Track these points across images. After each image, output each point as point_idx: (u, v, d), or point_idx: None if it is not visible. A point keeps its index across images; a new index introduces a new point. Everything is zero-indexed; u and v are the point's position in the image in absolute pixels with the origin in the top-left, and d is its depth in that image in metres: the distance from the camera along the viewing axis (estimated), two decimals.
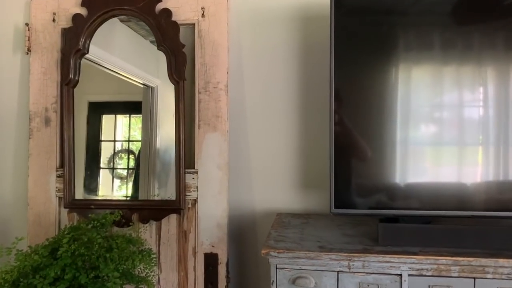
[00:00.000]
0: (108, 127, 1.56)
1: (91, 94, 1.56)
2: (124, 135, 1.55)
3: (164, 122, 1.50)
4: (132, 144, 1.54)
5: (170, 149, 1.49)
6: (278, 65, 1.59)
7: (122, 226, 1.54)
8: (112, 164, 1.54)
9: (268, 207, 1.60)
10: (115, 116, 1.56)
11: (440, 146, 1.24)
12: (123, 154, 1.55)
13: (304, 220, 1.40)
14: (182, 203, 1.52)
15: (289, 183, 1.58)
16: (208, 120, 1.53)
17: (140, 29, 1.57)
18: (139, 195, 1.55)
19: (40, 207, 1.60)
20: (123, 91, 1.56)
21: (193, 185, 1.53)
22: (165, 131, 1.50)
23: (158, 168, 1.54)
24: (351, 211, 1.24)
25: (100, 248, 1.23)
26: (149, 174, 1.56)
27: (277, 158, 1.59)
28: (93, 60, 1.57)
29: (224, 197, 1.51)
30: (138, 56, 1.58)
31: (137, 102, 1.53)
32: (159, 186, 1.54)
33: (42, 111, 1.61)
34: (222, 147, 1.52)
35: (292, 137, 1.58)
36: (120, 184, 1.55)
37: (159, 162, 1.52)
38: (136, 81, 1.55)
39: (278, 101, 1.59)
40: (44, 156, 1.61)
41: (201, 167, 1.53)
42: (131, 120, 1.55)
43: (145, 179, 1.56)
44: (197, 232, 1.52)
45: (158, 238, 1.56)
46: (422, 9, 1.25)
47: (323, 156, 1.55)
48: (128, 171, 1.54)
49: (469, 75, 1.22)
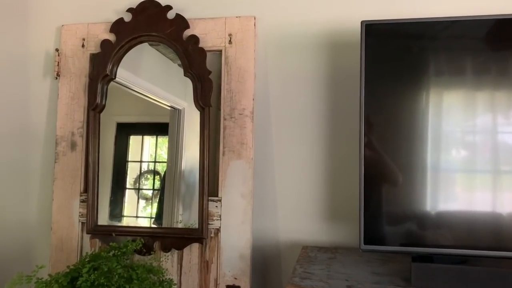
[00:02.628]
0: (135, 148, 1.55)
1: (119, 116, 1.57)
2: (151, 155, 1.54)
3: (189, 144, 1.50)
4: (158, 165, 1.53)
5: (195, 171, 1.48)
6: (305, 92, 1.55)
7: (144, 254, 1.51)
8: (138, 185, 1.53)
9: (293, 238, 1.54)
10: (142, 137, 1.56)
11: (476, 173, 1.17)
12: (149, 175, 1.55)
13: (331, 255, 1.34)
14: (205, 232, 1.48)
15: (316, 213, 1.52)
16: (233, 147, 1.50)
17: (169, 53, 1.56)
18: (163, 216, 1.54)
19: (63, 232, 1.59)
20: (150, 112, 1.57)
21: (216, 214, 1.49)
22: (190, 153, 1.49)
23: (182, 190, 1.52)
24: (382, 248, 1.17)
25: (120, 279, 1.19)
26: (174, 195, 1.53)
27: (303, 188, 1.54)
28: (121, 82, 1.57)
29: (248, 227, 1.47)
30: (166, 79, 1.58)
31: (164, 124, 1.54)
32: (183, 208, 1.52)
33: (69, 135, 1.62)
34: (246, 174, 1.48)
35: (319, 165, 1.53)
36: (145, 205, 1.54)
37: (184, 184, 1.51)
38: (163, 103, 1.55)
39: (304, 129, 1.54)
40: (69, 180, 1.60)
41: (224, 195, 1.49)
42: (158, 140, 1.55)
43: (169, 201, 1.54)
44: (220, 263, 1.48)
45: (179, 268, 1.52)
46: (454, 34, 1.20)
47: (351, 186, 1.49)
48: (153, 192, 1.53)
49: (503, 100, 1.16)
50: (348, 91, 1.50)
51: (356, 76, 1.49)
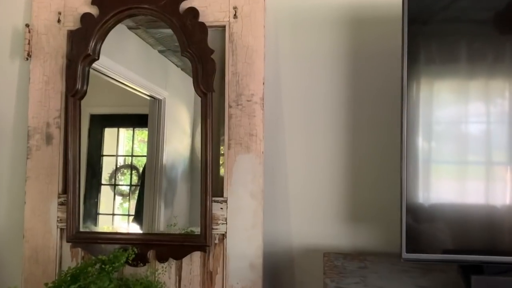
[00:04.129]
0: (110, 141, 1.42)
1: (93, 106, 1.39)
2: (127, 149, 1.40)
3: (171, 137, 1.35)
4: (135, 159, 1.39)
5: (177, 166, 1.36)
6: (323, 75, 1.35)
7: (136, 265, 1.29)
8: (114, 180, 1.39)
9: (309, 242, 1.34)
10: (118, 129, 1.43)
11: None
12: (125, 170, 1.40)
13: (361, 263, 1.15)
14: (208, 238, 1.27)
15: (335, 214, 1.33)
16: (240, 139, 1.29)
17: (149, 37, 1.37)
18: (143, 214, 1.36)
19: (38, 241, 1.35)
20: (127, 102, 1.43)
21: (221, 217, 1.28)
22: (172, 147, 1.35)
23: (164, 186, 1.35)
24: (429, 257, 0.99)
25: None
26: (155, 192, 1.35)
27: (320, 186, 1.34)
28: (95, 68, 1.37)
29: (259, 232, 1.27)
30: (145, 66, 1.42)
31: (142, 115, 1.39)
32: (165, 205, 1.35)
33: (43, 126, 1.37)
34: (256, 171, 1.27)
35: (338, 160, 1.33)
36: (122, 201, 1.39)
37: (166, 180, 1.35)
38: (142, 93, 1.40)
39: (322, 117, 1.35)
40: (44, 179, 1.36)
41: (231, 194, 1.28)
42: (135, 133, 1.41)
43: (150, 198, 1.36)
44: (226, 274, 1.27)
45: (178, 280, 1.30)
46: None
47: (375, 183, 1.31)
48: (130, 188, 1.39)
49: None
50: (373, 74, 1.31)
51: (382, 57, 1.30)
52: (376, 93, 1.31)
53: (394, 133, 1.29)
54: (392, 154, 1.28)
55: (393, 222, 1.28)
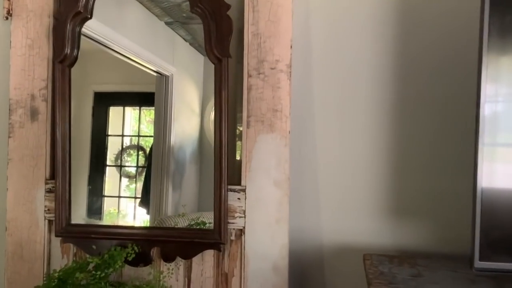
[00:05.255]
0: (116, 120, 1.33)
1: (97, 84, 1.33)
2: (134, 128, 1.31)
3: (179, 116, 1.25)
4: (142, 139, 1.32)
5: (186, 147, 1.27)
6: (363, 38, 1.11)
7: (137, 264, 1.08)
8: (119, 161, 1.30)
9: (343, 240, 1.13)
10: (124, 108, 1.34)
11: None
12: (132, 150, 1.31)
13: (412, 269, 0.94)
14: (223, 234, 1.06)
15: (374, 207, 1.11)
16: (261, 116, 1.06)
17: (154, 7, 1.23)
18: (150, 197, 1.25)
19: (23, 234, 1.15)
20: (133, 80, 1.34)
21: (238, 209, 1.07)
22: (180, 127, 1.26)
23: (172, 167, 1.25)
24: (507, 266, 0.77)
25: None
26: (162, 174, 1.24)
27: (357, 172, 1.12)
28: (99, 40, 1.22)
29: (284, 227, 1.05)
30: (151, 39, 1.32)
31: (149, 93, 1.30)
32: (173, 188, 1.25)
33: (27, 99, 1.16)
34: (281, 154, 1.05)
35: (380, 143, 1.11)
36: (128, 183, 1.30)
37: (173, 161, 1.26)
38: (148, 68, 1.29)
39: (360, 91, 1.12)
40: (29, 162, 1.15)
41: (250, 182, 1.07)
42: (141, 112, 1.32)
43: (157, 179, 1.25)
44: (244, 277, 1.06)
45: (187, 283, 1.10)
46: None
47: (425, 171, 1.08)
48: (137, 169, 1.31)
49: None
50: (426, 39, 1.07)
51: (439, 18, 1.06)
52: (429, 62, 1.07)
53: (451, 111, 1.06)
54: (447, 136, 1.05)
55: (447, 217, 1.06)
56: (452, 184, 1.06)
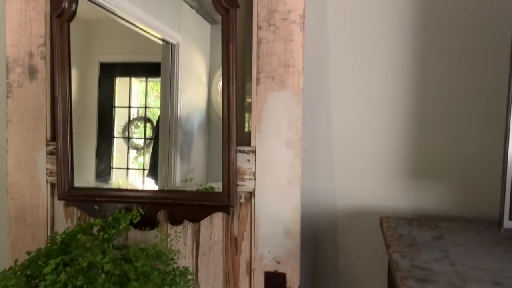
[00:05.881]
0: (123, 91, 1.30)
1: (102, 54, 1.28)
2: (141, 100, 1.28)
3: (186, 86, 1.22)
4: (149, 111, 1.29)
5: (193, 118, 1.23)
6: None
7: (143, 228, 1.04)
8: (127, 133, 1.28)
9: (358, 204, 1.08)
10: (130, 79, 1.30)
11: None
12: (139, 122, 1.28)
13: (433, 231, 0.88)
14: (232, 197, 1.01)
15: (392, 169, 1.05)
16: (272, 72, 0.99)
17: None
18: (158, 169, 1.21)
19: (25, 198, 1.11)
20: (139, 50, 1.29)
21: (248, 171, 1.02)
22: (187, 97, 1.23)
23: (180, 139, 1.22)
24: None
25: (109, 281, 0.73)
26: (170, 145, 1.21)
27: (374, 132, 1.06)
28: (102, 5, 1.16)
29: (296, 190, 1.00)
30: (156, 4, 1.26)
31: (155, 64, 1.26)
32: (181, 159, 1.21)
33: (25, 57, 1.10)
34: (293, 113, 0.99)
35: (400, 100, 1.04)
36: (136, 155, 1.27)
37: (181, 132, 1.23)
38: (154, 36, 1.25)
39: (379, 44, 1.04)
40: (29, 123, 1.10)
41: (260, 143, 1.01)
42: (148, 82, 1.29)
43: (165, 151, 1.21)
44: (254, 241, 1.02)
45: (195, 247, 1.06)
46: None
47: (447, 130, 1.01)
48: (145, 141, 1.29)
49: None
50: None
51: None
52: (456, 11, 0.99)
53: (479, 64, 0.98)
54: (474, 93, 0.98)
55: (469, 179, 1.00)
56: (476, 145, 1.00)
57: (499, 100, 0.96)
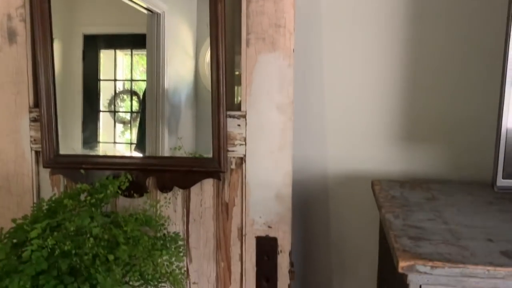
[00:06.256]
0: (108, 64, 1.27)
1: (86, 25, 1.24)
2: (126, 72, 1.25)
3: (173, 58, 1.19)
4: (135, 84, 1.26)
5: (180, 91, 1.21)
6: None
7: (131, 195, 1.02)
8: (113, 107, 1.25)
9: (348, 168, 1.07)
10: (115, 51, 1.26)
11: None
12: (125, 95, 1.26)
13: (426, 193, 0.88)
14: (223, 162, 0.99)
15: (384, 133, 1.05)
16: (262, 33, 0.96)
17: None
18: (145, 143, 1.19)
19: (9, 166, 1.08)
20: (124, 20, 1.26)
21: (238, 136, 1.00)
22: (174, 69, 1.20)
23: (167, 112, 1.20)
24: None
25: (98, 245, 0.71)
26: (157, 119, 1.19)
27: (366, 95, 1.04)
28: None
29: (288, 155, 0.99)
30: None
31: (140, 35, 1.23)
32: (169, 132, 1.20)
33: (3, 20, 1.05)
34: (284, 76, 0.97)
35: (392, 62, 1.02)
36: (123, 129, 1.24)
37: (168, 105, 1.21)
38: (139, 5, 1.19)
39: (376, 4, 1.01)
40: (10, 89, 1.07)
41: (251, 107, 0.99)
42: (133, 55, 1.26)
43: (152, 125, 1.19)
44: (245, 206, 1.01)
45: (185, 214, 1.05)
46: None
47: (439, 93, 1.00)
48: (131, 115, 1.26)
49: None
50: None
51: None
52: None
53: (475, 27, 0.96)
54: (467, 55, 0.97)
55: (461, 142, 1.00)
56: (467, 108, 0.99)
57: (492, 62, 0.94)
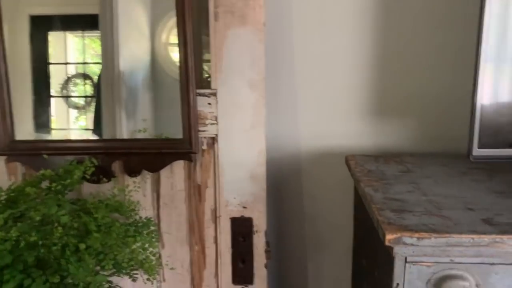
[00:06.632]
0: (58, 47, 1.20)
1: (32, 5, 1.17)
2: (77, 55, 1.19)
3: (128, 39, 1.14)
4: (88, 67, 1.20)
5: (137, 73, 1.16)
6: None
7: (97, 181, 0.97)
8: (66, 92, 1.18)
9: (321, 145, 1.07)
10: (65, 33, 1.20)
11: None
12: (78, 80, 1.20)
13: (400, 165, 0.89)
14: (194, 143, 0.95)
15: (355, 108, 1.04)
16: (231, 6, 0.92)
17: None
18: (102, 129, 1.13)
19: None
20: (74, 0, 1.20)
21: (210, 115, 0.96)
22: (129, 51, 1.15)
23: (124, 95, 1.15)
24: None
25: (67, 234, 0.66)
26: (114, 103, 1.14)
27: (337, 71, 1.03)
28: None
29: (261, 132, 0.96)
30: None
31: (92, 16, 1.17)
32: (127, 117, 1.14)
33: None
34: (255, 51, 0.94)
35: (364, 38, 1.01)
36: (78, 115, 1.18)
37: (125, 88, 1.16)
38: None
39: None
40: None
41: (222, 85, 0.95)
42: (85, 36, 1.20)
43: (109, 109, 1.14)
44: (219, 187, 0.98)
45: (156, 198, 1.00)
46: None
47: (409, 68, 1.01)
48: (86, 100, 1.20)
49: None
50: None
51: None
52: None
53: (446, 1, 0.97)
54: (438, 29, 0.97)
55: (432, 116, 1.01)
56: (438, 81, 1.00)
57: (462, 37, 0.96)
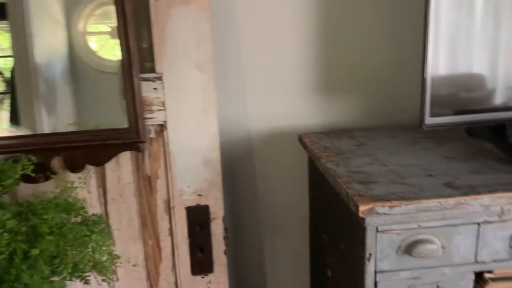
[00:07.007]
0: None
1: None
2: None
3: (42, 28, 1.08)
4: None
5: (54, 64, 1.10)
6: None
7: (36, 181, 0.87)
8: None
9: (270, 125, 1.06)
10: None
11: None
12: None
13: (353, 140, 0.91)
14: (141, 131, 0.89)
15: (300, 86, 1.04)
16: None
17: None
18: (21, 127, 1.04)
19: None
20: None
21: (156, 101, 0.91)
22: (45, 42, 1.09)
23: (42, 89, 1.09)
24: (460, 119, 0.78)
25: (15, 241, 0.59)
26: (31, 98, 1.06)
27: (283, 49, 1.02)
28: None
29: (213, 116, 0.93)
30: None
31: None
32: (47, 113, 1.07)
33: None
34: (202, 31, 0.90)
35: (309, 14, 1.01)
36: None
37: (43, 81, 1.10)
38: None
39: None
40: None
41: (167, 68, 0.90)
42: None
43: (27, 104, 1.06)
44: (171, 177, 0.94)
45: (103, 193, 0.93)
46: None
47: (354, 45, 1.03)
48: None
49: None
50: None
51: None
52: None
53: None
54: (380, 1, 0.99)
55: (378, 90, 1.04)
56: (381, 56, 1.03)
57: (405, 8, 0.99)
